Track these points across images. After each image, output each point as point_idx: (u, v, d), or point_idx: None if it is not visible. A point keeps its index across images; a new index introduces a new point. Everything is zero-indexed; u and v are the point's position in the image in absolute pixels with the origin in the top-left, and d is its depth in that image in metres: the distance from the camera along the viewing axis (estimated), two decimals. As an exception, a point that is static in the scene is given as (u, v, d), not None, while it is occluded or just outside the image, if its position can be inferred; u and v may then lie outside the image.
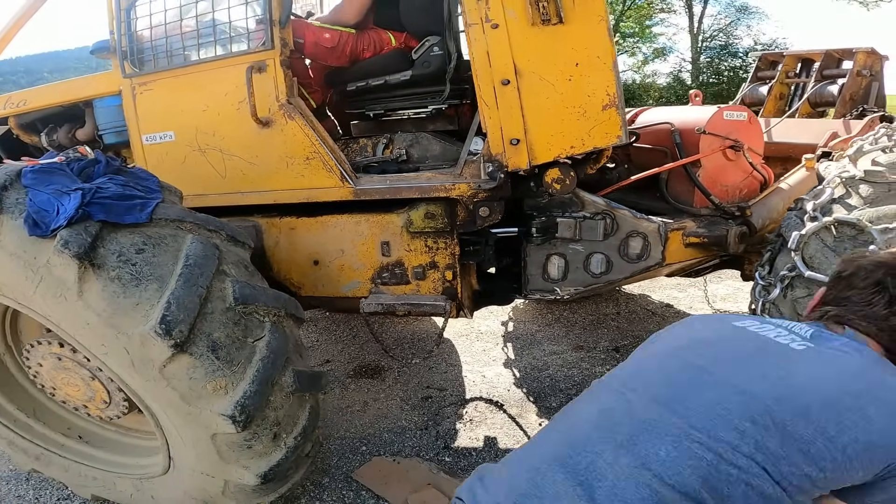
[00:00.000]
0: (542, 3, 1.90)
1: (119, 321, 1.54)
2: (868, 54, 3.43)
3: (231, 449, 1.71)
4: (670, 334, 1.23)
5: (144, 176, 1.79)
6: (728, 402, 0.96)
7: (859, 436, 0.91)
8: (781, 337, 1.08)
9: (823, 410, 0.93)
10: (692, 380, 1.04)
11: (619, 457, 0.95)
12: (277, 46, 2.14)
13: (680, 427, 0.95)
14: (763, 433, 0.91)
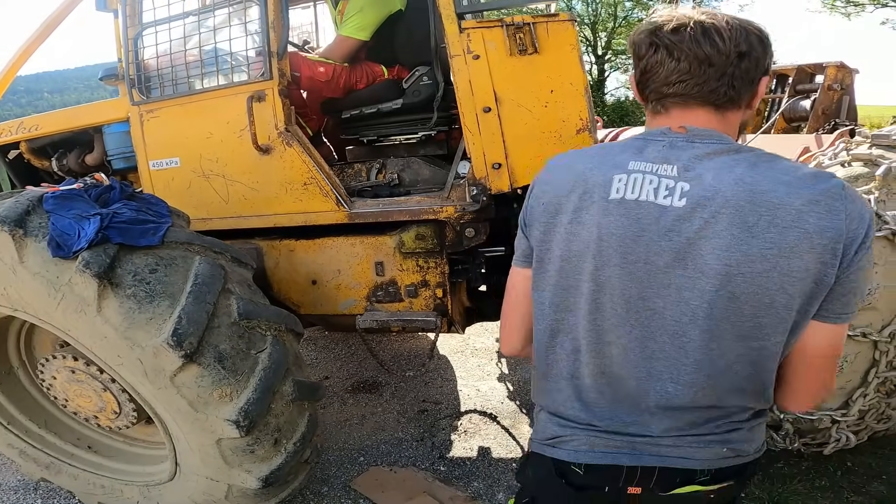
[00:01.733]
0: (519, 35, 2.04)
1: (134, 334, 1.66)
2: (838, 68, 3.52)
3: (235, 453, 1.82)
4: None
5: (155, 201, 1.93)
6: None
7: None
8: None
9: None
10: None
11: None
12: (276, 77, 2.26)
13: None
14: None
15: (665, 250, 0.89)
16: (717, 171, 0.88)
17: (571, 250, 0.97)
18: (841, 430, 2.17)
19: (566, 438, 1.07)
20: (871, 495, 2.20)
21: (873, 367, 2.07)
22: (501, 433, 2.89)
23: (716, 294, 0.87)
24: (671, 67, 0.92)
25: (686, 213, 0.88)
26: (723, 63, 0.89)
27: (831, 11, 18.79)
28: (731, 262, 0.85)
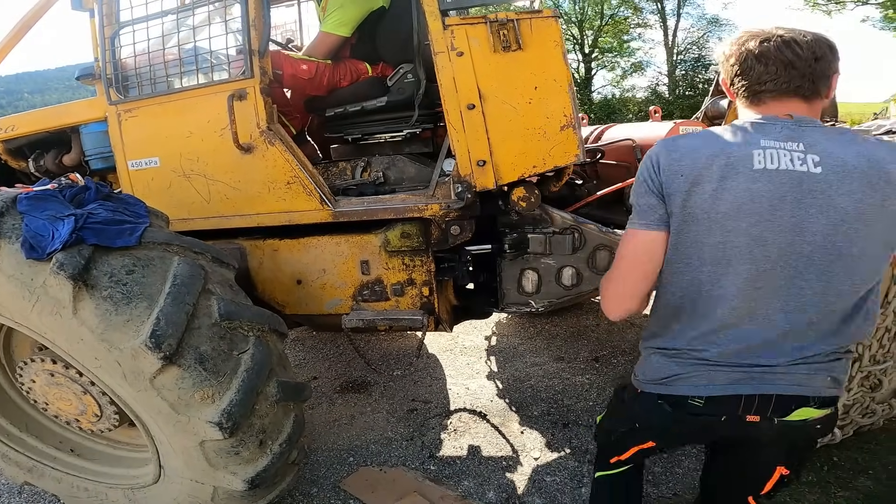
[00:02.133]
0: (503, 32, 2.03)
1: (111, 336, 1.63)
2: None
3: (219, 455, 1.79)
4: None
5: (133, 202, 1.89)
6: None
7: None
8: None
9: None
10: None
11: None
12: (257, 75, 2.24)
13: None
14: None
15: (811, 206, 1.13)
16: (839, 146, 1.16)
17: (718, 211, 1.17)
18: (825, 423, 2.19)
19: (685, 375, 1.29)
20: (857, 490, 2.21)
21: (857, 362, 2.08)
22: (491, 431, 2.89)
23: (855, 234, 1.13)
24: (761, 70, 1.20)
25: (824, 177, 1.13)
26: (802, 66, 1.18)
27: (813, 9, 19.01)
28: (864, 210, 1.12)
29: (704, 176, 1.18)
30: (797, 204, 1.14)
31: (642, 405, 1.41)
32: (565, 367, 3.56)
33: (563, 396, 3.17)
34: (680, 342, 1.30)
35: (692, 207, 1.20)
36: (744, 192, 1.15)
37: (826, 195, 1.13)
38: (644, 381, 1.39)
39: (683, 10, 24.49)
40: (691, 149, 1.22)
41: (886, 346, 2.13)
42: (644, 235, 1.27)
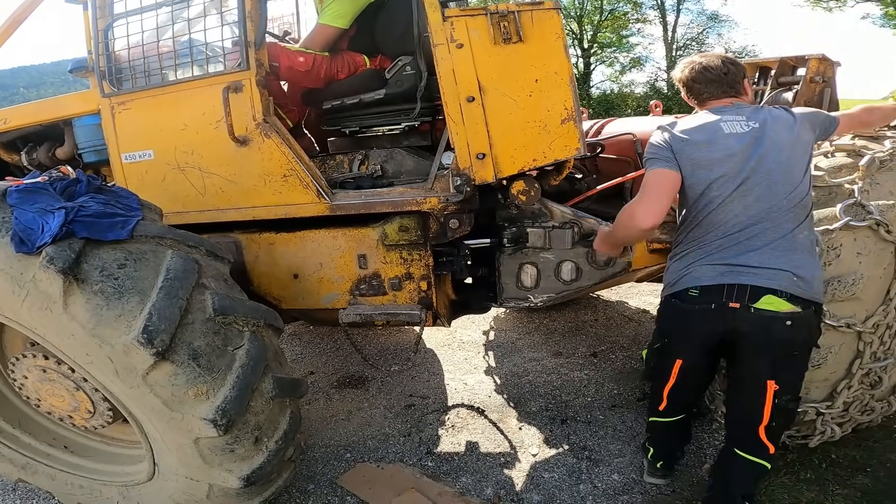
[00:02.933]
0: (504, 23, 2.01)
1: (102, 332, 1.61)
2: (820, 61, 3.53)
3: (214, 453, 1.77)
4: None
5: (125, 194, 1.86)
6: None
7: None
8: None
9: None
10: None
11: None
12: (253, 67, 2.21)
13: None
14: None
15: (762, 145, 1.76)
16: (762, 114, 1.83)
17: (710, 157, 1.79)
18: (826, 422, 2.18)
19: (686, 272, 1.82)
20: (855, 488, 2.20)
21: (857, 359, 2.07)
22: (489, 427, 2.87)
23: (791, 156, 1.76)
24: (699, 88, 1.94)
25: (759, 127, 1.79)
26: (720, 79, 1.90)
27: (814, 6, 18.95)
28: (789, 141, 1.77)
29: (698, 139, 1.81)
30: (754, 146, 1.75)
31: (663, 310, 1.96)
32: (563, 362, 3.54)
33: (561, 392, 3.15)
34: (694, 249, 1.85)
35: (697, 158, 1.80)
36: (725, 147, 1.78)
37: (767, 137, 1.76)
38: (664, 292, 1.94)
39: (683, 6, 24.45)
40: (693, 127, 1.85)
41: (888, 342, 2.12)
42: (663, 173, 1.83)
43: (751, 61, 4.07)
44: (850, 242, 1.94)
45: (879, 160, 1.99)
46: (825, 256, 1.94)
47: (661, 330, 2.01)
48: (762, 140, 1.75)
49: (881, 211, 1.92)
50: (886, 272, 1.99)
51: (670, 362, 1.94)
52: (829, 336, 2.00)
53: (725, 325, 1.77)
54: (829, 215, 1.96)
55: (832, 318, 1.96)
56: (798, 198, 1.75)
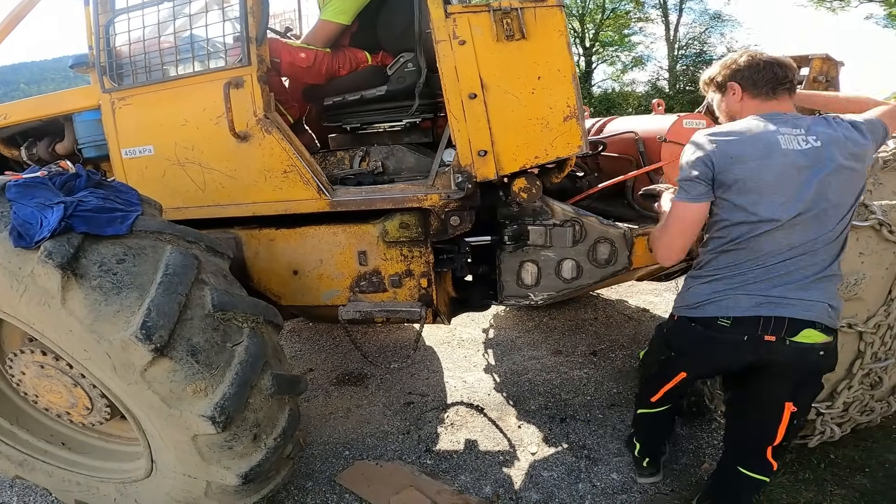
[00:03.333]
0: (506, 20, 2.00)
1: (100, 327, 1.60)
2: (823, 61, 3.51)
3: (212, 450, 1.76)
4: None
5: (124, 189, 1.85)
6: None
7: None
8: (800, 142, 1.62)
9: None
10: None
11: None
12: (254, 63, 2.20)
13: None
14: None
15: (823, 166, 1.57)
16: (823, 129, 1.62)
17: (763, 181, 1.58)
18: (825, 422, 2.17)
19: (715, 299, 1.68)
20: (854, 488, 2.20)
21: (858, 359, 2.06)
22: (488, 425, 2.87)
23: (849, 182, 1.60)
24: (763, 78, 1.71)
25: (822, 147, 1.59)
26: (786, 73, 1.70)
27: (817, 6, 18.90)
28: (848, 165, 1.58)
29: (748, 156, 1.60)
30: (811, 168, 1.57)
31: (677, 329, 1.84)
32: (563, 360, 3.54)
33: (560, 390, 3.15)
34: (726, 276, 1.69)
35: (743, 181, 1.61)
36: (778, 166, 1.58)
37: (827, 157, 1.58)
38: (679, 307, 1.82)
39: (686, 5, 24.35)
40: (733, 139, 1.64)
41: (889, 343, 2.11)
42: (692, 208, 1.68)
43: (753, 61, 4.07)
44: (852, 242, 1.93)
45: (883, 160, 1.98)
46: None
47: (671, 345, 1.89)
48: (824, 163, 1.56)
49: (884, 211, 1.92)
50: (889, 272, 1.98)
51: (673, 374, 1.92)
52: None
53: (757, 357, 1.67)
54: None
55: None
56: (843, 228, 1.62)
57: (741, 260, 1.65)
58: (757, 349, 1.64)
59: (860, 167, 1.60)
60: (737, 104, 1.76)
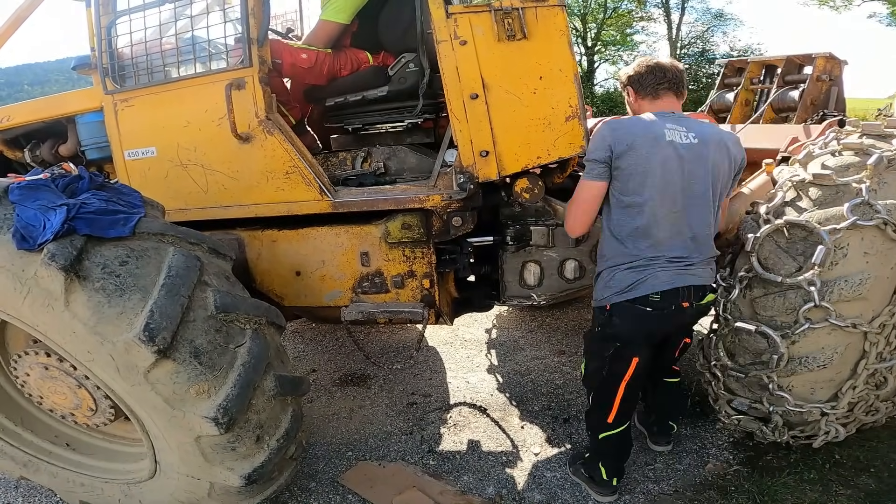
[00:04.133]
0: (508, 20, 2.00)
1: (104, 329, 1.60)
2: (827, 59, 3.51)
3: (215, 451, 1.77)
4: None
5: (127, 191, 1.86)
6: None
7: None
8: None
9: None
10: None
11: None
12: (256, 64, 2.20)
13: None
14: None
15: (695, 160, 1.90)
16: (701, 127, 1.96)
17: (650, 167, 1.87)
18: (830, 422, 2.16)
19: (643, 278, 1.92)
20: (859, 488, 2.19)
21: (863, 359, 2.05)
22: (491, 426, 2.86)
23: (713, 176, 1.93)
24: (656, 82, 2.02)
25: (700, 143, 1.91)
26: (676, 76, 2.02)
27: (821, 5, 18.79)
28: (717, 161, 1.94)
29: (638, 144, 1.87)
30: (686, 160, 1.88)
31: (617, 314, 1.99)
32: (566, 361, 3.53)
33: (563, 391, 3.14)
34: (636, 255, 1.93)
35: (634, 165, 1.88)
36: (660, 157, 1.87)
37: (701, 153, 1.90)
38: (612, 294, 1.98)
39: (688, 4, 24.28)
40: (627, 128, 1.92)
41: (893, 343, 2.10)
42: (592, 185, 1.96)
43: (757, 59, 4.07)
44: (857, 242, 1.91)
45: (888, 159, 1.96)
46: (832, 256, 1.91)
47: (613, 335, 2.02)
48: (701, 156, 1.90)
49: (889, 210, 1.90)
50: (894, 272, 1.96)
51: (626, 364, 2.03)
52: (834, 336, 1.98)
53: (678, 322, 2.04)
54: (836, 214, 1.93)
55: (838, 318, 1.94)
56: (715, 209, 1.97)
57: (647, 242, 1.92)
58: (678, 315, 1.98)
59: (728, 168, 1.97)
60: (634, 104, 2.07)
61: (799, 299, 1.95)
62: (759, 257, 2.05)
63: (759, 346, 2.07)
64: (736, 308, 2.13)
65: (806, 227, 1.95)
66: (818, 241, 1.92)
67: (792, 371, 2.04)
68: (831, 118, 3.02)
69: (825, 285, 1.92)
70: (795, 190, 2.08)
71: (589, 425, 2.26)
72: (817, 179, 2.02)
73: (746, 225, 2.15)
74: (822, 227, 1.91)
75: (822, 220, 1.94)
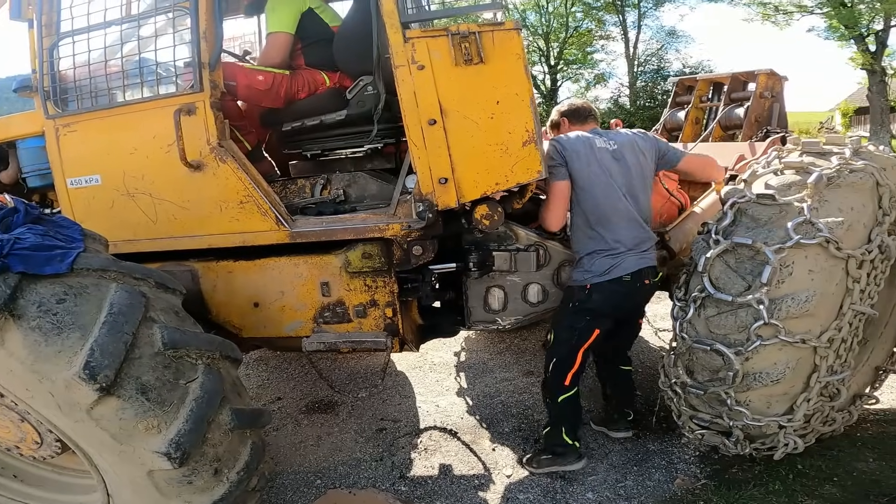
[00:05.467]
0: (465, 44, 2.01)
1: (42, 367, 1.56)
2: (768, 76, 3.60)
3: (170, 485, 1.74)
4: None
5: (66, 224, 1.78)
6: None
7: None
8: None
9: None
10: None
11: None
12: (207, 89, 2.15)
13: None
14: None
15: (621, 159, 2.42)
16: (617, 136, 2.52)
17: (594, 170, 2.36)
18: (788, 434, 2.20)
19: (617, 263, 2.33)
20: (824, 498, 2.22)
21: (814, 373, 2.09)
22: (462, 449, 2.83)
23: (641, 166, 2.46)
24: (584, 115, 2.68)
25: (619, 146, 2.44)
26: (591, 110, 2.71)
27: (763, 21, 19.69)
28: (636, 155, 2.46)
29: (582, 152, 2.38)
30: (615, 162, 2.40)
31: (596, 293, 2.36)
32: (535, 381, 3.52)
33: (533, 411, 3.13)
34: (606, 244, 2.35)
35: (583, 169, 2.35)
36: (599, 161, 2.38)
37: (622, 155, 2.41)
38: (591, 277, 2.36)
39: (643, 23, 25.20)
40: (573, 142, 2.41)
41: (843, 356, 2.16)
42: (561, 185, 2.37)
43: (705, 77, 4.17)
44: (801, 260, 1.96)
45: (827, 177, 2.01)
46: (778, 275, 1.96)
47: (589, 309, 2.39)
48: (624, 158, 2.41)
49: (830, 228, 1.95)
50: (838, 288, 2.02)
51: (588, 335, 2.42)
52: (785, 352, 2.02)
53: (641, 297, 2.51)
54: (780, 233, 1.97)
55: (788, 334, 1.98)
56: (646, 199, 2.47)
57: (613, 236, 2.34)
58: (642, 292, 2.46)
59: (644, 160, 2.46)
60: (567, 130, 2.60)
61: (749, 317, 1.99)
62: (711, 277, 2.09)
63: (715, 363, 2.10)
64: (692, 327, 2.16)
65: (753, 247, 1.99)
66: (765, 261, 1.95)
67: (748, 386, 2.07)
68: (774, 135, 3.09)
69: (773, 303, 1.96)
70: (741, 209, 2.12)
71: (548, 394, 2.55)
72: (761, 200, 2.07)
73: (698, 246, 2.19)
74: (768, 247, 1.95)
75: (768, 239, 1.98)
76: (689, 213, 2.60)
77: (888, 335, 2.62)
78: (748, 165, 2.39)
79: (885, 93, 17.72)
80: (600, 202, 2.33)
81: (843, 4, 16.99)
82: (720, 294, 2.02)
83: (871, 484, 2.26)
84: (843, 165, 2.03)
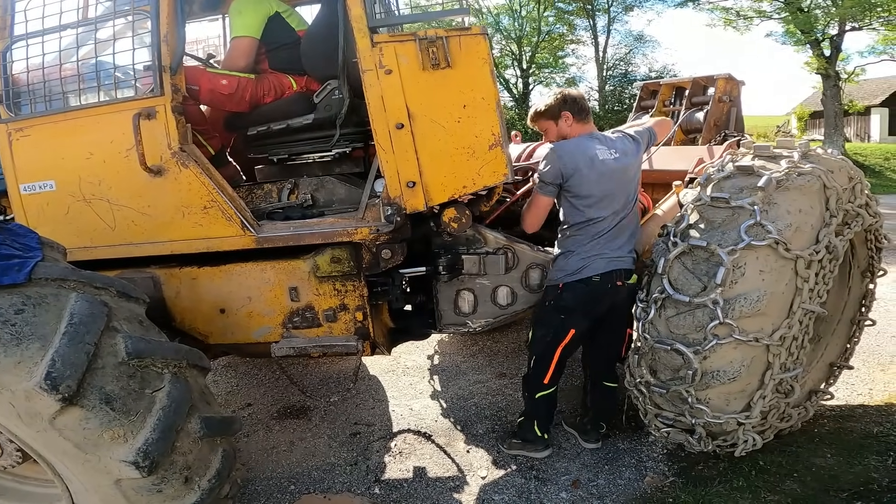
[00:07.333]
0: (432, 49, 2.02)
1: (1, 378, 1.53)
2: (726, 81, 3.70)
3: (139, 493, 1.72)
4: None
5: (23, 233, 1.73)
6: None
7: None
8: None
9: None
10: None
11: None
12: (168, 93, 2.11)
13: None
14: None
15: (621, 171, 2.42)
16: (613, 142, 2.48)
17: (592, 180, 2.36)
18: (747, 431, 2.26)
19: (587, 264, 2.38)
20: (786, 493, 2.28)
21: (768, 370, 2.16)
22: (437, 452, 2.83)
23: (633, 176, 2.51)
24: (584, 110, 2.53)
25: (621, 155, 2.44)
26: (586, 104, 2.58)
27: (725, 26, 20.27)
28: (632, 162, 2.49)
29: (581, 163, 2.35)
30: (615, 172, 2.40)
31: (568, 291, 2.40)
32: (508, 383, 3.56)
33: (506, 413, 3.16)
34: (583, 246, 2.40)
35: (580, 180, 2.36)
36: (598, 172, 2.37)
37: (623, 165, 2.42)
38: (563, 276, 2.41)
39: (612, 27, 25.66)
40: (572, 151, 2.39)
41: (795, 353, 2.23)
42: (543, 199, 2.45)
43: (668, 82, 4.28)
44: (753, 261, 2.02)
45: (776, 180, 2.07)
46: (731, 275, 2.02)
47: (563, 308, 2.43)
48: (624, 167, 2.42)
49: (779, 230, 2.01)
50: (788, 287, 2.08)
51: (564, 335, 2.45)
52: (740, 350, 2.08)
53: (614, 299, 2.46)
54: (733, 235, 2.04)
55: (741, 333, 2.04)
56: (633, 205, 2.50)
57: (591, 236, 2.40)
58: (614, 294, 2.44)
59: (635, 163, 2.50)
60: (568, 128, 2.46)
61: (706, 317, 2.04)
62: (670, 279, 2.14)
63: (675, 362, 2.15)
64: (654, 328, 2.21)
65: (708, 249, 2.05)
66: (719, 262, 2.02)
67: (706, 385, 2.12)
68: (732, 139, 3.16)
69: (727, 303, 2.02)
70: (697, 212, 2.18)
71: (527, 389, 2.63)
72: (714, 202, 2.13)
73: (658, 248, 2.25)
74: (722, 249, 2.01)
75: (722, 241, 2.04)
76: (652, 216, 2.66)
77: (841, 332, 2.73)
78: (704, 169, 2.46)
79: (838, 97, 18.39)
80: (593, 215, 2.38)
81: (799, 10, 17.57)
82: (678, 295, 2.08)
83: (829, 479, 2.33)
84: (791, 169, 2.09)
